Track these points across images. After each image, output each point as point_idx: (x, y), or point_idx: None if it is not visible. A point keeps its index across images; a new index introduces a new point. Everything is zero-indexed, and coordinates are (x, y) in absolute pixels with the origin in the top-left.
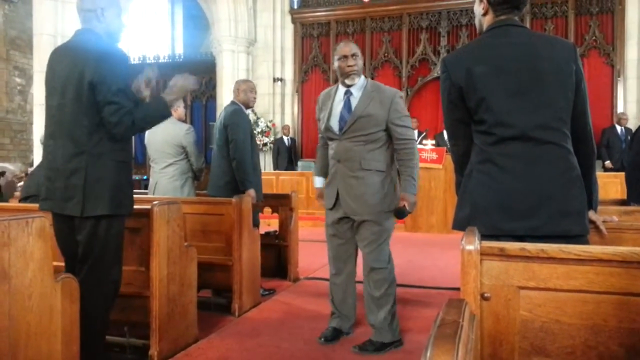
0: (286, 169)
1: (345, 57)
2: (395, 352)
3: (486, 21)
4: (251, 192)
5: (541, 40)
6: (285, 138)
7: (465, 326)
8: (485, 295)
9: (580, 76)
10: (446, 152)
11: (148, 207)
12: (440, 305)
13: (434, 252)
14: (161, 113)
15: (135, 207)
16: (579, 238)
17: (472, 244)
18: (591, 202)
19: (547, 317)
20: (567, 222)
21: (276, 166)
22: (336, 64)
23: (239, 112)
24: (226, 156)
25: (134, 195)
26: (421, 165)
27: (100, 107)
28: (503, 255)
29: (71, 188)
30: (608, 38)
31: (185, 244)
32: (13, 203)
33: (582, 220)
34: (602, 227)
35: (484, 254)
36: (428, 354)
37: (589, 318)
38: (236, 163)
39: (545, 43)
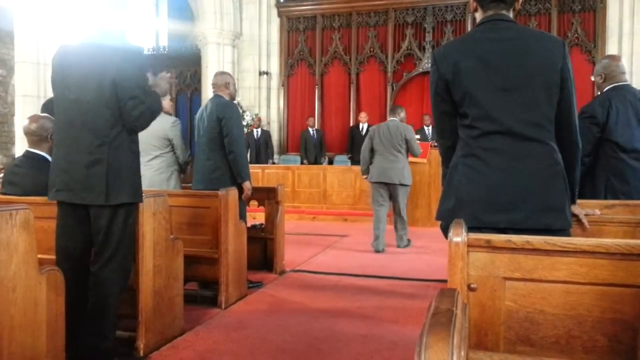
0: (255, 163)
1: None
2: (382, 343)
3: (478, 17)
4: (247, 184)
5: (530, 36)
6: (255, 131)
7: (459, 314)
8: (472, 286)
9: (567, 73)
10: (431, 147)
11: None
12: (427, 297)
13: (419, 245)
14: (160, 107)
15: None
16: (561, 232)
17: (460, 235)
18: (573, 196)
19: (532, 307)
20: (549, 217)
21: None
22: None
23: (232, 106)
24: (218, 149)
25: None
26: None
27: (123, 102)
28: (489, 246)
29: (93, 178)
30: (590, 35)
31: (172, 236)
32: None
33: (564, 215)
34: (584, 220)
35: (470, 245)
36: (424, 341)
37: (573, 308)
38: (234, 156)
39: (534, 39)
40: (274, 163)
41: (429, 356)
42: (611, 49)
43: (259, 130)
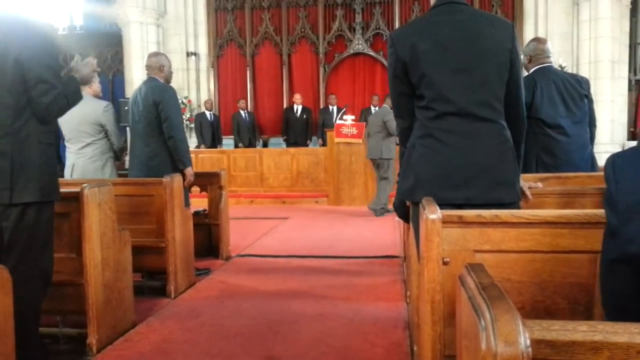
0: (210, 147)
1: None
2: (339, 321)
3: (432, 0)
4: (190, 170)
5: (483, 18)
6: (207, 113)
7: (500, 287)
8: (445, 260)
9: (515, 56)
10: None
11: (76, 190)
12: (373, 274)
13: (358, 223)
14: (79, 94)
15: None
16: (512, 205)
17: (435, 213)
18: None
19: (500, 276)
20: (501, 191)
21: (202, 142)
22: None
23: (169, 89)
24: (156, 135)
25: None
26: (342, 140)
27: (30, 86)
28: (461, 222)
29: None
30: (509, 17)
31: (119, 227)
32: None
33: (514, 189)
34: (528, 192)
35: (444, 222)
36: (489, 316)
37: (537, 275)
38: (174, 141)
39: (486, 22)
40: (214, 147)
41: (499, 328)
42: (528, 30)
43: (212, 113)
